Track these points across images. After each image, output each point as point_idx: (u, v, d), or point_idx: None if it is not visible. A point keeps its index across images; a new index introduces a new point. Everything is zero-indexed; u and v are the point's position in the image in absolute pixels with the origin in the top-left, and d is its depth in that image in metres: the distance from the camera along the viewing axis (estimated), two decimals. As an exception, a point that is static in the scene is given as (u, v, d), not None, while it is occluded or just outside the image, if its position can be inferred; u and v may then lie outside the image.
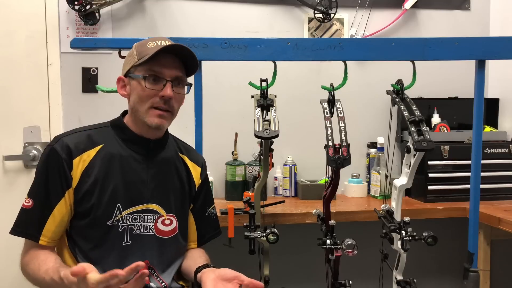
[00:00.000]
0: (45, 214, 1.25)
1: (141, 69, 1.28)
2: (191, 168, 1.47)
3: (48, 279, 1.17)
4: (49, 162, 1.26)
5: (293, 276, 2.35)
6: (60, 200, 1.25)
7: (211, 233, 1.52)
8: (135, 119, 1.32)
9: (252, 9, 2.34)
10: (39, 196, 1.26)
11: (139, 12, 2.24)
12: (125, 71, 1.32)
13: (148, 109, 1.28)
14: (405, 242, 1.41)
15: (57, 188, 1.25)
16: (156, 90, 1.26)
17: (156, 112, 1.28)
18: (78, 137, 1.30)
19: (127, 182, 1.30)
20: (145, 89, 1.26)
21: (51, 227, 1.25)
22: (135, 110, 1.30)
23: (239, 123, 2.27)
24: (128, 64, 1.32)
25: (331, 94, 1.56)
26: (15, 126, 2.11)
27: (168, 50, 1.27)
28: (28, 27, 2.11)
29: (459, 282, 1.79)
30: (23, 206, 1.27)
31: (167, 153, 1.41)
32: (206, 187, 1.52)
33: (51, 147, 1.27)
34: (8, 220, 1.28)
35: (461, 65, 2.25)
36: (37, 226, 1.25)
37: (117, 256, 1.27)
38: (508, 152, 2.21)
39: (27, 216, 1.26)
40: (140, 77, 1.27)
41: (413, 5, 2.39)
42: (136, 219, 1.31)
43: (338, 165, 1.35)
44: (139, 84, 1.27)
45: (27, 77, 2.12)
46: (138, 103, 1.29)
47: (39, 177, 1.27)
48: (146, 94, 1.27)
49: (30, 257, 1.26)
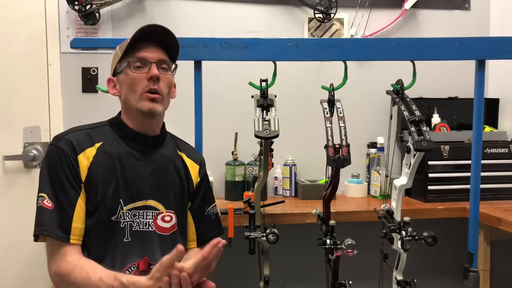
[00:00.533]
0: (69, 212, 1.23)
1: (125, 61, 1.32)
2: (189, 166, 1.47)
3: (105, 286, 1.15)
4: (56, 160, 1.26)
5: (293, 276, 2.35)
6: (80, 195, 1.25)
7: (211, 233, 1.50)
8: (129, 112, 1.34)
9: (252, 9, 2.34)
10: (59, 195, 1.24)
11: (139, 12, 2.25)
12: (112, 70, 1.37)
13: (139, 95, 1.30)
14: (405, 242, 1.41)
15: (73, 184, 1.25)
16: (143, 74, 1.30)
17: (147, 96, 1.30)
18: (78, 135, 1.31)
19: (126, 179, 1.31)
20: (132, 75, 1.30)
21: (78, 224, 1.24)
22: (127, 102, 1.33)
23: (239, 123, 2.27)
24: (114, 63, 1.37)
25: (331, 94, 1.56)
26: (15, 126, 2.11)
27: (146, 35, 1.31)
28: (28, 27, 2.11)
29: (459, 282, 1.79)
30: (45, 206, 1.22)
31: (165, 151, 1.42)
32: (205, 185, 1.51)
33: (55, 145, 1.27)
34: (8, 219, 1.28)
35: (461, 65, 2.26)
36: (65, 226, 1.22)
37: (119, 253, 1.28)
38: (508, 152, 2.21)
39: (51, 217, 1.22)
40: (125, 66, 1.31)
41: (413, 5, 2.39)
42: (136, 215, 1.31)
43: (338, 165, 1.35)
44: (126, 74, 1.31)
45: (27, 77, 2.12)
46: (128, 93, 1.32)
47: (52, 176, 1.25)
48: (134, 81, 1.30)
49: (69, 263, 1.20)
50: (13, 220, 2.01)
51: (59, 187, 1.24)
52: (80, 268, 1.19)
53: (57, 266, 1.22)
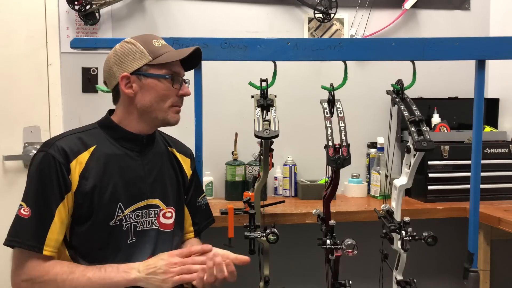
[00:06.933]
0: (46, 222, 1.18)
1: (160, 68, 1.31)
2: (181, 160, 1.48)
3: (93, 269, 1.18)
4: (44, 168, 1.21)
5: (293, 276, 2.35)
6: (59, 205, 1.20)
7: (204, 222, 1.53)
8: (143, 117, 1.32)
9: (252, 9, 2.34)
10: (38, 203, 1.19)
11: (139, 12, 2.25)
12: (134, 69, 1.29)
13: (168, 107, 1.33)
14: (405, 242, 1.41)
15: (55, 194, 1.20)
16: (176, 89, 1.33)
17: (175, 109, 1.35)
18: (70, 140, 1.27)
19: (126, 181, 1.30)
20: (170, 88, 1.31)
21: (54, 235, 1.19)
22: (151, 109, 1.31)
23: (239, 123, 2.27)
24: (137, 61, 1.29)
25: (331, 94, 1.56)
26: (15, 126, 2.11)
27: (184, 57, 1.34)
28: (28, 27, 2.11)
29: (459, 282, 1.79)
30: (20, 214, 1.19)
31: (158, 148, 1.42)
32: (196, 177, 1.54)
33: (45, 152, 1.22)
34: (8, 220, 1.27)
35: (461, 65, 2.26)
36: (39, 236, 1.17)
37: (123, 255, 1.27)
38: (508, 152, 2.21)
39: (26, 226, 1.18)
40: (166, 77, 1.31)
41: (413, 5, 2.39)
42: (139, 215, 1.31)
43: (338, 165, 1.35)
44: (160, 82, 1.31)
45: (27, 77, 2.12)
46: (156, 102, 1.31)
47: (35, 184, 1.21)
48: (168, 93, 1.32)
49: (43, 266, 1.17)
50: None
51: (41, 196, 1.20)
52: (60, 265, 1.19)
53: (27, 272, 1.17)
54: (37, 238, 1.18)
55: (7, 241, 1.19)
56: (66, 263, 1.21)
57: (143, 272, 1.19)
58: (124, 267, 1.20)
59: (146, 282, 1.19)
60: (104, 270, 1.19)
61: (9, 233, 1.19)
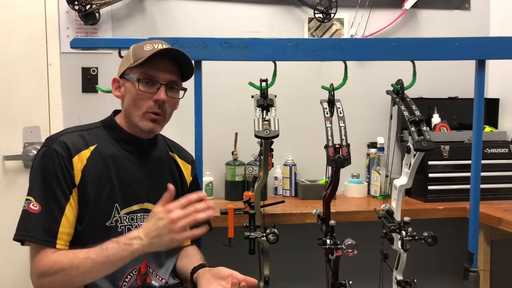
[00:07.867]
0: (57, 217, 1.19)
1: (136, 72, 1.29)
2: (182, 166, 1.47)
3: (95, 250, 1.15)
4: (48, 162, 1.22)
5: (293, 276, 2.35)
6: (69, 199, 1.21)
7: None
8: (128, 120, 1.33)
9: (252, 9, 2.34)
10: (47, 198, 1.20)
11: (139, 12, 2.25)
12: (121, 72, 1.34)
13: (142, 113, 1.29)
14: (405, 242, 1.41)
15: (63, 188, 1.21)
16: (150, 93, 1.28)
17: (149, 116, 1.29)
18: (72, 137, 1.28)
19: (122, 182, 1.30)
20: (139, 92, 1.27)
21: (66, 228, 1.20)
22: (129, 112, 1.31)
23: (239, 123, 2.27)
24: (124, 65, 1.33)
25: (331, 94, 1.56)
26: (15, 126, 2.11)
27: (163, 54, 1.28)
28: (28, 27, 2.11)
29: (459, 282, 1.79)
30: (29, 209, 1.19)
31: (159, 152, 1.41)
32: (196, 184, 1.53)
33: (48, 147, 1.24)
34: (8, 219, 1.28)
35: (461, 65, 2.26)
36: (52, 230, 1.18)
37: None
38: (508, 152, 2.21)
39: (37, 221, 1.18)
40: (135, 79, 1.28)
41: (413, 5, 2.39)
42: (133, 219, 1.31)
43: (338, 165, 1.35)
44: (133, 86, 1.28)
45: (27, 77, 2.12)
46: (132, 107, 1.29)
47: (42, 179, 1.21)
48: (140, 98, 1.28)
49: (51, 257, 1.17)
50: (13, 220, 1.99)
51: (49, 190, 1.20)
52: (65, 254, 1.17)
53: (38, 266, 1.18)
54: (51, 233, 1.18)
55: (17, 236, 1.20)
56: (70, 251, 1.20)
57: (146, 239, 1.14)
58: (124, 239, 1.15)
59: (152, 248, 1.15)
60: (105, 248, 1.15)
61: (19, 228, 1.20)
